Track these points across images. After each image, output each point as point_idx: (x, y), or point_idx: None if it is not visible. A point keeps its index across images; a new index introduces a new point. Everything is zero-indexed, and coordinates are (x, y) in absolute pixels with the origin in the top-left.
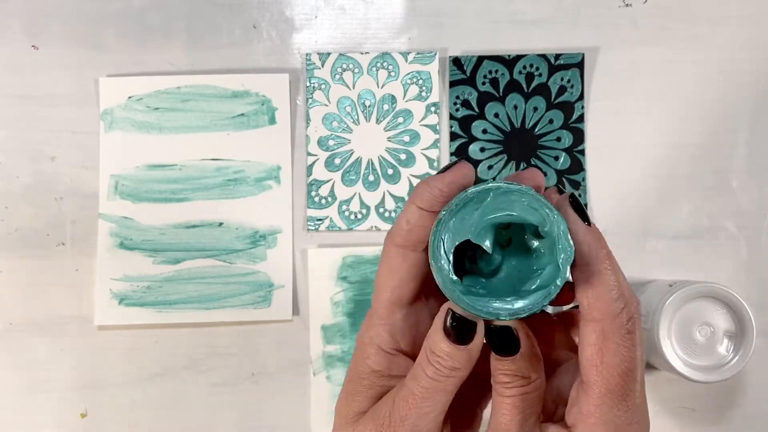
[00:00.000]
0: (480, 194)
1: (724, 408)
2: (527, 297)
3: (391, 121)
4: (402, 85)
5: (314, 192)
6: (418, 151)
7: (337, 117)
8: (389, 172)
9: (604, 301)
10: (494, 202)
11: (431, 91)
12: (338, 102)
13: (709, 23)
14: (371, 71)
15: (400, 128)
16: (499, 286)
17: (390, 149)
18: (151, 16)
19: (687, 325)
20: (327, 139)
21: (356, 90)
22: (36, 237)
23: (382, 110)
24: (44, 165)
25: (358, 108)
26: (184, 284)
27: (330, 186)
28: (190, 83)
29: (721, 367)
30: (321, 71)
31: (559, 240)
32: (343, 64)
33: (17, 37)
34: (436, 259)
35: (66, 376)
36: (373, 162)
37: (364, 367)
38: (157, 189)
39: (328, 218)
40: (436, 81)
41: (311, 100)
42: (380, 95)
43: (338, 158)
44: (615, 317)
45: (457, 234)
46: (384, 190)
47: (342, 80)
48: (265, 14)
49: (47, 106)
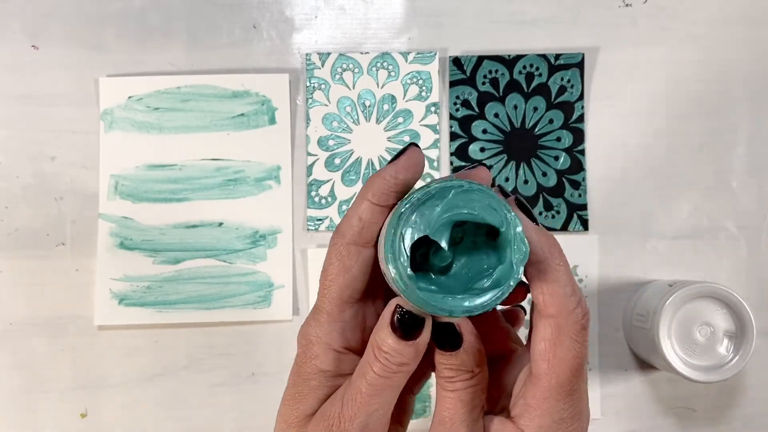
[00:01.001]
0: (442, 191)
1: (724, 408)
2: (481, 295)
3: (391, 121)
4: (402, 85)
5: (314, 192)
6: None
7: (337, 117)
8: None
9: (559, 297)
10: (455, 199)
11: (431, 91)
12: (338, 102)
13: (709, 23)
14: (371, 71)
15: (400, 128)
16: (449, 283)
17: (390, 149)
18: (151, 16)
19: (687, 325)
20: (327, 139)
21: (356, 90)
22: (36, 237)
23: (382, 110)
24: (44, 165)
25: (358, 108)
26: (184, 284)
27: (330, 186)
28: (190, 83)
29: (721, 367)
30: (321, 71)
31: (515, 240)
32: (343, 64)
33: (17, 37)
34: (395, 254)
35: (66, 376)
36: (373, 162)
37: (311, 368)
38: (157, 189)
39: (328, 218)
40: (436, 81)
41: (311, 100)
42: (380, 95)
43: (338, 158)
44: (570, 313)
45: (417, 229)
46: None
47: (342, 80)
48: (265, 14)
49: (47, 106)
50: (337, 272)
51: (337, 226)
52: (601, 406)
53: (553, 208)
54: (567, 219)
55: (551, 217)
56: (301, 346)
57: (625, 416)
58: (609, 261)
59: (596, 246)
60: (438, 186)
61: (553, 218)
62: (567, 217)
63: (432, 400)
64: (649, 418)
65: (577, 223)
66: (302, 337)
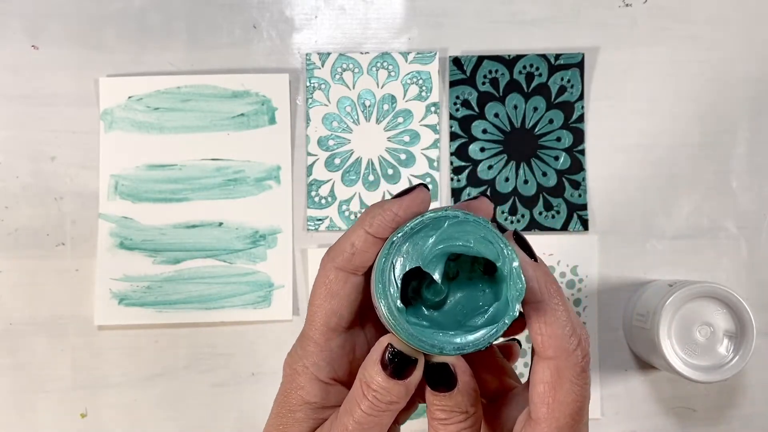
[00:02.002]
0: (436, 221)
1: (724, 408)
2: (474, 332)
3: (391, 121)
4: (402, 85)
5: (314, 192)
6: (418, 151)
7: (337, 117)
8: (389, 172)
9: (558, 339)
10: (450, 230)
11: (431, 91)
12: (338, 102)
13: (709, 23)
14: (371, 71)
15: (400, 128)
16: (442, 319)
17: (390, 149)
18: (151, 16)
19: (687, 325)
20: (327, 139)
21: (356, 90)
22: (36, 237)
23: (382, 110)
24: (44, 165)
25: (358, 108)
26: (184, 284)
27: (330, 186)
28: (190, 83)
29: (721, 367)
30: (321, 71)
31: (511, 277)
32: (343, 63)
33: (17, 37)
34: (384, 285)
35: (66, 376)
36: (373, 162)
37: (296, 399)
38: (157, 189)
39: (329, 218)
40: (436, 81)
41: (311, 100)
42: (380, 95)
43: (338, 158)
44: (570, 354)
45: (409, 260)
46: (384, 190)
47: (342, 80)
48: (265, 14)
49: (47, 106)
50: (324, 298)
51: (330, 247)
52: (601, 406)
53: (553, 208)
54: (567, 219)
55: (551, 217)
56: (286, 376)
57: (625, 416)
58: (609, 261)
59: (596, 246)
60: (432, 216)
61: (553, 218)
62: (567, 217)
63: None
64: (649, 418)
65: (577, 223)
66: (287, 366)
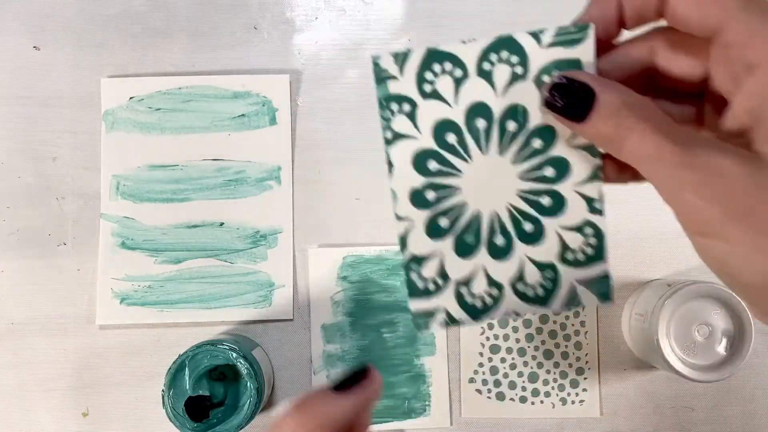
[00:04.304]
0: (184, 361)
1: (723, 407)
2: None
3: (522, 148)
4: (536, 85)
5: (415, 275)
6: (569, 188)
7: (435, 153)
8: (527, 228)
9: None
10: (197, 359)
11: None
12: (434, 129)
13: None
14: (483, 70)
15: (538, 157)
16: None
17: (524, 192)
18: (152, 17)
19: (686, 324)
20: (424, 190)
21: (461, 104)
22: (38, 237)
23: (506, 132)
24: (46, 165)
25: (466, 133)
26: (186, 284)
27: (437, 262)
28: (191, 84)
29: (719, 366)
30: (400, 83)
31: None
32: (434, 64)
33: (19, 38)
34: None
35: (67, 376)
36: (499, 216)
37: None
38: (159, 189)
39: (443, 310)
40: (591, 70)
41: (390, 132)
42: (501, 108)
43: (445, 218)
44: None
45: (178, 398)
46: (521, 256)
47: (436, 92)
48: (266, 15)
49: (49, 106)
50: None
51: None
52: (600, 405)
53: None
54: None
55: None
56: None
57: (625, 415)
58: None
59: None
60: (182, 356)
61: None
62: None
63: (432, 399)
64: (648, 417)
65: None
66: None
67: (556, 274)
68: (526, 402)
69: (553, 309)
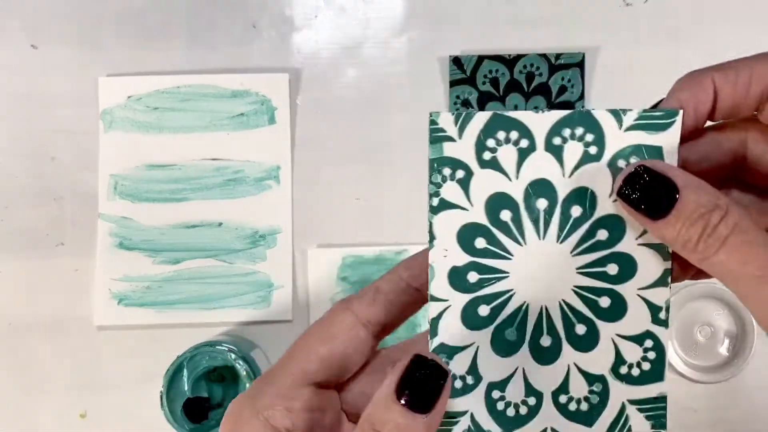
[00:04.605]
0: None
1: (725, 408)
2: None
3: (584, 238)
4: (610, 170)
5: None
6: (632, 291)
7: (485, 230)
8: (579, 331)
9: None
10: (196, 359)
11: None
12: (487, 202)
13: (709, 23)
14: (552, 144)
15: (600, 251)
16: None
17: (581, 288)
18: (150, 16)
19: (688, 325)
20: (466, 270)
21: (523, 179)
22: (35, 237)
23: (569, 218)
24: (44, 165)
25: (524, 212)
26: (184, 284)
27: (471, 355)
28: (189, 83)
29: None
30: (457, 146)
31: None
32: (499, 131)
33: (17, 37)
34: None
35: (65, 377)
36: (549, 312)
37: None
38: (157, 189)
39: (468, 414)
40: (672, 164)
41: (438, 200)
42: (567, 189)
43: (486, 305)
44: None
45: (178, 401)
46: (569, 363)
47: (496, 162)
48: (265, 14)
49: (47, 105)
50: (317, 336)
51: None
52: None
53: None
54: None
55: None
56: (230, 419)
57: None
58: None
59: None
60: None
61: None
62: None
63: None
64: None
65: None
66: (238, 408)
67: (605, 389)
68: None
69: (597, 429)
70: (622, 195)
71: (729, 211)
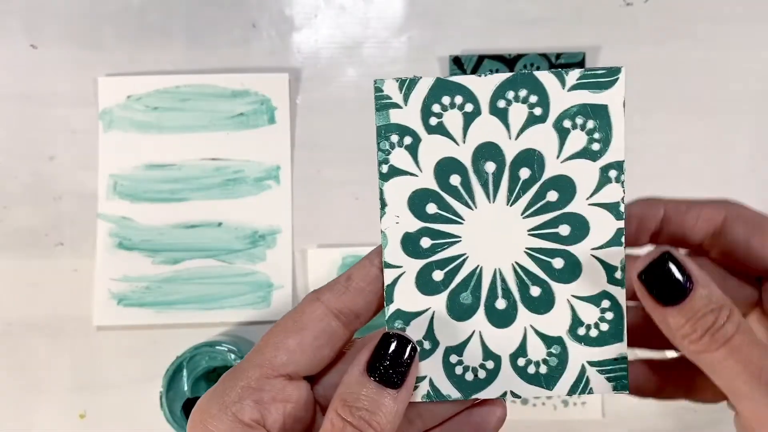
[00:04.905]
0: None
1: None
2: None
3: (534, 200)
4: (556, 130)
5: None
6: (585, 251)
7: (435, 195)
8: (534, 293)
9: None
10: (196, 360)
11: (610, 142)
12: (436, 168)
13: (709, 23)
14: (497, 107)
15: (551, 212)
16: None
17: (533, 250)
18: (150, 16)
19: None
20: (418, 236)
21: (470, 143)
22: (34, 237)
23: (518, 180)
24: (43, 165)
25: (473, 176)
26: (184, 284)
27: (427, 321)
28: (189, 83)
29: None
30: (403, 112)
31: None
32: (443, 96)
33: (16, 37)
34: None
35: (65, 377)
36: (503, 274)
37: None
38: (156, 189)
39: (426, 379)
40: (618, 121)
41: (387, 166)
42: (514, 152)
43: (440, 270)
44: None
45: (177, 401)
46: (525, 326)
47: (443, 127)
48: (265, 13)
49: (46, 105)
50: (285, 329)
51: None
52: (602, 406)
53: None
54: None
55: None
56: (198, 415)
57: (627, 417)
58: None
59: None
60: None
61: None
62: None
63: None
64: (649, 418)
65: None
66: (210, 402)
67: (564, 351)
68: (527, 404)
69: (557, 392)
70: (641, 278)
71: (733, 311)
